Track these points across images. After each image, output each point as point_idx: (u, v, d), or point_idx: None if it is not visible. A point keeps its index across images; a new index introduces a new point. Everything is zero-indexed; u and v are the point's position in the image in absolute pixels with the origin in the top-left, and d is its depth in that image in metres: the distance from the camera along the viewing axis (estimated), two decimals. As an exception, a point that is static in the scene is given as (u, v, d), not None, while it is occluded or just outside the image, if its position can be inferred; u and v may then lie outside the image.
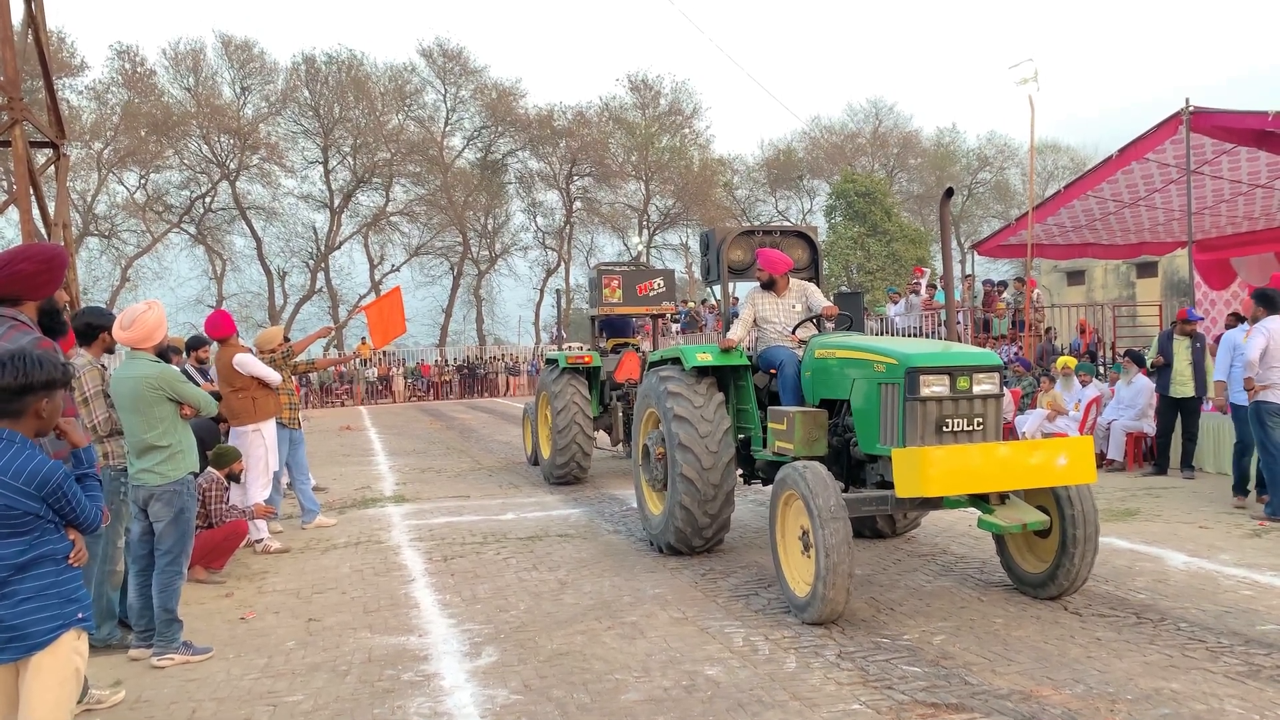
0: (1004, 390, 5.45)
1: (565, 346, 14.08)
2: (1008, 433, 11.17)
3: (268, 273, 44.79)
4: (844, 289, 33.12)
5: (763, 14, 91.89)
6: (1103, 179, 13.41)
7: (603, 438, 12.42)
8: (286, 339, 9.17)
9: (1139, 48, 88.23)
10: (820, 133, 50.72)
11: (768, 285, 6.93)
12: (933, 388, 5.19)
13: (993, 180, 51.99)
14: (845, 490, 5.82)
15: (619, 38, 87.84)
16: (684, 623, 5.32)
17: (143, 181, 42.07)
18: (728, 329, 7.04)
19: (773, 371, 6.69)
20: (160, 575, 5.00)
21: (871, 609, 5.46)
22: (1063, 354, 14.23)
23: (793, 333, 6.78)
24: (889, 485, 5.36)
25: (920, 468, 4.77)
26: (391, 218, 46.05)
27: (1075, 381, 11.62)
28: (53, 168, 12.34)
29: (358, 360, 35.09)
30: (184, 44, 41.92)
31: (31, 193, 11.13)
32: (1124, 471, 10.63)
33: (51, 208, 11.84)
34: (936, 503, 5.38)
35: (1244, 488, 8.31)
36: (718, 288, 7.75)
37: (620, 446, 11.59)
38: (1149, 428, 10.73)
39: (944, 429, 5.22)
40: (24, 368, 2.94)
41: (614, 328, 12.27)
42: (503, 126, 47.14)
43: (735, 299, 8.21)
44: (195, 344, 9.33)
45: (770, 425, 6.35)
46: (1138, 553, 6.69)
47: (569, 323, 40.71)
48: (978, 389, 5.26)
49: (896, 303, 19.48)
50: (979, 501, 5.26)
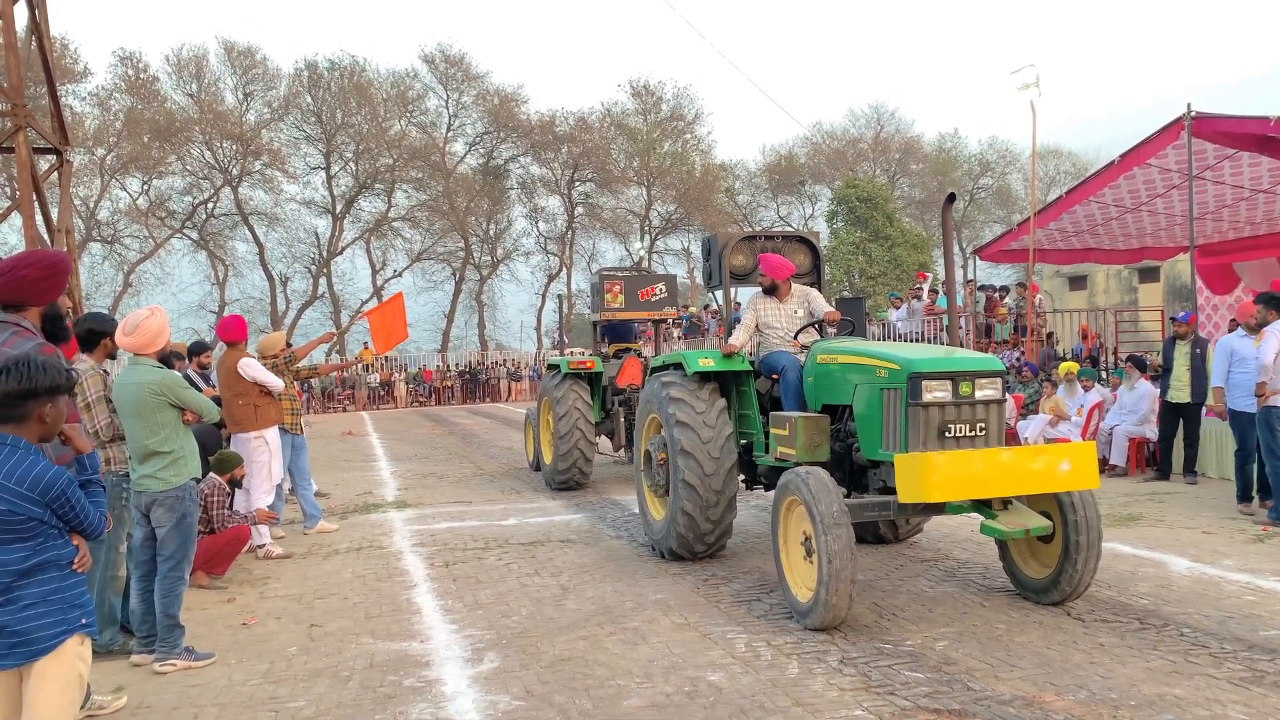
0: (1006, 396, 5.45)
1: (567, 352, 14.08)
2: (1010, 438, 11.16)
3: (270, 278, 44.85)
4: (846, 294, 33.14)
5: (764, 20, 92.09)
6: (1105, 184, 13.41)
7: (605, 443, 12.42)
8: (289, 344, 9.17)
9: (1140, 53, 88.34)
10: (822, 138, 50.79)
11: (770, 290, 6.93)
12: (935, 393, 5.19)
13: (994, 185, 52.00)
14: (848, 496, 5.82)
15: (621, 44, 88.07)
16: (686, 628, 5.31)
17: (145, 187, 42.17)
18: (730, 334, 7.04)
19: (775, 377, 6.69)
20: (163, 581, 5.00)
21: (874, 614, 5.46)
22: (1064, 359, 14.23)
23: (795, 338, 6.78)
24: (891, 491, 5.36)
25: (923, 473, 4.76)
26: (394, 223, 46.12)
27: (1078, 387, 11.61)
28: (56, 174, 12.38)
29: (360, 365, 35.16)
30: (187, 50, 42.10)
31: (35, 199, 11.17)
32: (1126, 477, 10.61)
33: (55, 214, 11.87)
34: (939, 508, 5.38)
35: (1248, 494, 8.30)
36: (719, 293, 7.76)
37: (622, 452, 11.59)
38: (1151, 433, 10.72)
39: (946, 434, 5.22)
40: (27, 373, 2.96)
41: (616, 333, 12.27)
42: (505, 132, 47.22)
43: (737, 304, 8.21)
44: (197, 349, 9.35)
45: (772, 431, 6.35)
46: (1141, 558, 6.68)
47: (570, 328, 40.75)
48: (980, 394, 5.26)
49: (898, 308, 19.48)
50: (982, 507, 5.26)
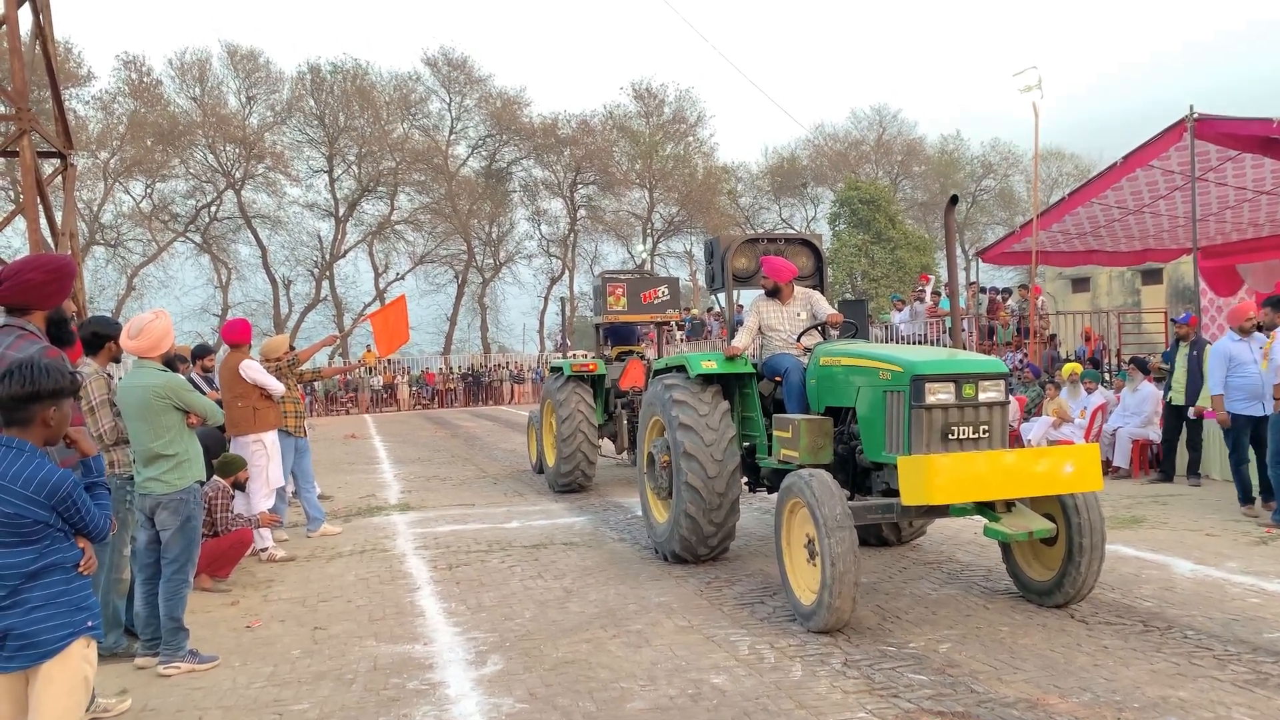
0: (1010, 398, 5.45)
1: (570, 354, 14.08)
2: (1014, 440, 11.16)
3: (273, 281, 44.93)
4: (848, 296, 33.16)
5: (766, 22, 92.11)
6: (1107, 186, 13.40)
7: (608, 445, 12.42)
8: (292, 347, 9.18)
9: (1143, 55, 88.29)
10: (824, 140, 50.80)
11: (772, 293, 6.93)
12: (938, 395, 5.18)
13: (997, 187, 52.03)
14: (851, 498, 5.82)
15: (623, 46, 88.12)
16: (689, 631, 5.32)
17: (148, 191, 42.28)
18: (733, 337, 7.04)
19: (777, 379, 6.69)
20: (167, 583, 5.01)
21: (877, 617, 5.45)
22: (1067, 361, 14.22)
23: (797, 340, 6.78)
24: (895, 493, 5.36)
25: (926, 475, 4.76)
26: (396, 226, 46.20)
27: (1081, 389, 11.60)
28: (60, 178, 12.40)
29: (363, 369, 35.17)
30: (190, 54, 42.23)
31: (39, 202, 11.19)
32: (1130, 479, 10.60)
33: (59, 217, 11.90)
34: (942, 511, 5.37)
35: (1249, 496, 8.30)
36: (722, 295, 7.76)
37: (625, 454, 11.59)
38: (1155, 435, 10.71)
39: (950, 436, 5.21)
40: (31, 376, 2.97)
41: (619, 335, 12.28)
42: (507, 135, 47.31)
43: (740, 307, 8.21)
44: (200, 353, 9.37)
45: (775, 433, 6.35)
46: (1144, 560, 6.67)
47: (573, 330, 40.77)
48: (983, 396, 5.26)
49: (901, 310, 19.48)
50: (985, 509, 5.25)
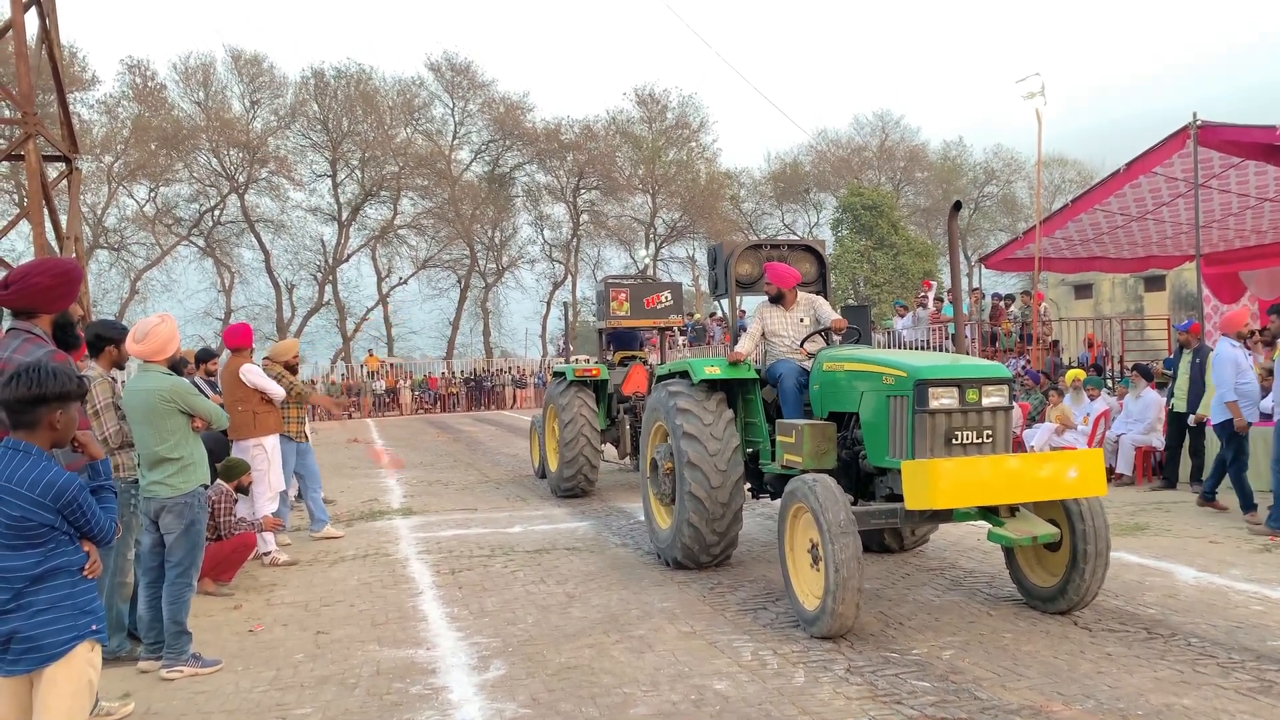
0: (1013, 403, 5.45)
1: (573, 359, 14.03)
2: (1017, 446, 11.14)
3: (276, 285, 44.98)
4: (851, 302, 33.16)
5: (769, 28, 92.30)
6: (1110, 193, 13.41)
7: (610, 450, 12.40)
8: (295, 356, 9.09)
9: (1146, 62, 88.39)
10: (827, 146, 50.85)
11: (776, 299, 6.94)
12: (942, 400, 5.18)
13: (999, 194, 52.02)
14: (854, 503, 5.82)
15: (626, 52, 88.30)
16: (692, 637, 5.31)
17: (152, 194, 42.36)
18: (735, 342, 7.05)
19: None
20: (170, 587, 5.02)
21: (880, 623, 5.45)
22: (1070, 367, 14.21)
23: (801, 346, 6.78)
24: (898, 498, 5.36)
25: (930, 480, 4.76)
26: (399, 230, 46.24)
27: (1084, 395, 11.60)
28: (65, 181, 12.44)
29: (361, 386, 35.15)
30: (194, 58, 42.39)
31: (44, 206, 11.22)
32: (1133, 486, 10.59)
33: (63, 221, 11.93)
34: (946, 515, 5.37)
35: (1252, 503, 8.28)
36: (725, 301, 7.77)
37: (628, 460, 11.57)
38: (1158, 442, 10.69)
39: (953, 441, 5.21)
40: (38, 379, 2.98)
41: (622, 340, 12.28)
42: (510, 140, 47.38)
43: (743, 312, 8.21)
44: (204, 357, 9.38)
45: (779, 439, 6.35)
46: (1148, 567, 6.66)
47: (576, 335, 40.77)
48: (987, 401, 5.26)
49: (904, 316, 19.49)
50: (989, 514, 5.25)
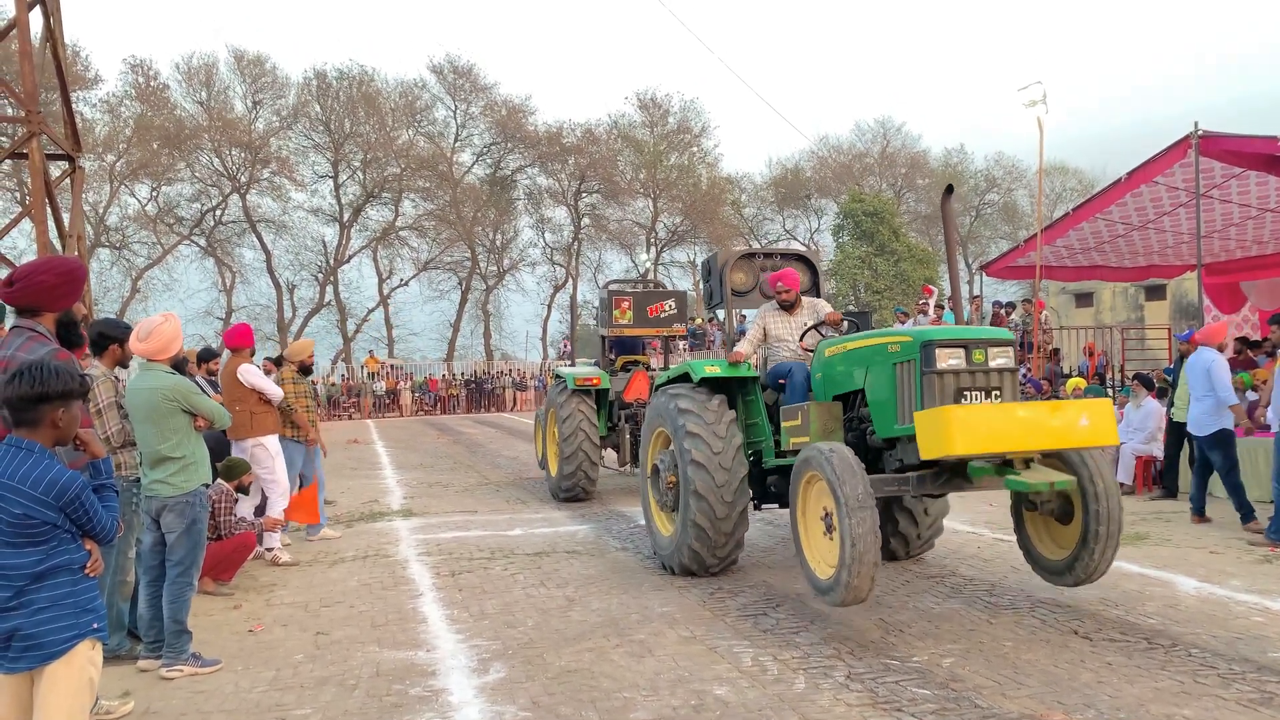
0: (1020, 366, 5.48)
1: (579, 362, 13.94)
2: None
3: (277, 286, 44.99)
4: (852, 308, 33.19)
5: (771, 33, 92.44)
6: (1112, 201, 13.42)
7: (610, 456, 12.36)
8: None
9: (1147, 71, 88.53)
10: (828, 152, 50.95)
11: (788, 306, 6.99)
12: (949, 361, 5.20)
13: (1001, 201, 52.08)
14: None
15: (628, 56, 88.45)
16: (692, 641, 5.31)
17: (154, 194, 42.39)
18: (734, 347, 7.06)
19: (781, 382, 6.67)
20: (171, 586, 5.02)
21: (880, 630, 5.44)
22: (1070, 376, 14.22)
23: (800, 339, 6.82)
24: (909, 468, 5.38)
25: (944, 425, 4.74)
26: (400, 232, 46.28)
27: (1084, 404, 11.58)
28: (68, 180, 12.45)
29: (361, 387, 35.17)
30: (197, 58, 42.43)
31: (47, 205, 11.23)
32: (1133, 495, 10.58)
33: (66, 219, 11.93)
34: (961, 476, 5.34)
35: (1252, 514, 8.28)
36: (720, 310, 7.79)
37: (627, 468, 11.46)
38: (1158, 451, 10.69)
39: (963, 399, 5.20)
40: (40, 377, 2.97)
41: (624, 345, 12.23)
42: (512, 143, 47.44)
43: (742, 317, 8.22)
44: (206, 356, 9.37)
45: (784, 424, 6.30)
46: (1148, 577, 6.65)
47: (577, 337, 40.79)
48: (994, 362, 5.27)
49: (904, 322, 19.48)
50: (1004, 469, 5.21)
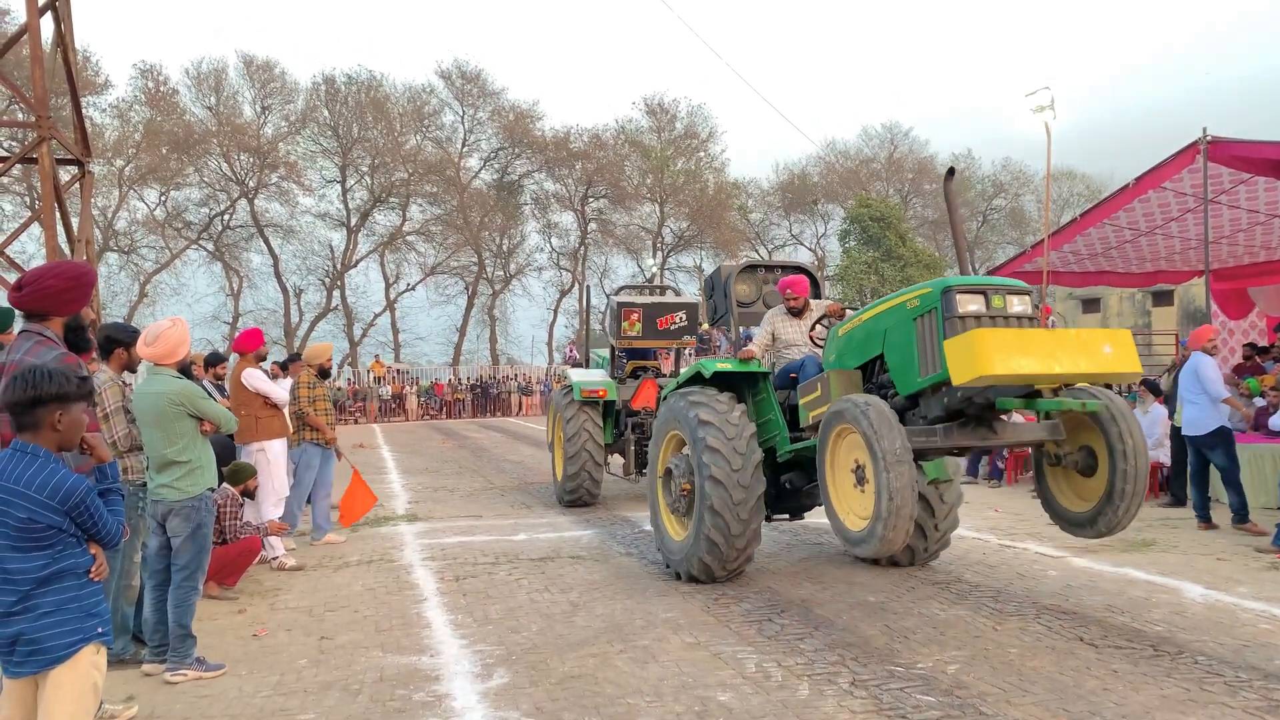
0: (1037, 316, 5.50)
1: (592, 356, 13.67)
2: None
3: (284, 290, 45.09)
4: (855, 307, 33.11)
5: (779, 39, 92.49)
6: (1119, 207, 13.40)
7: (616, 461, 12.29)
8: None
9: (1157, 76, 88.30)
10: (835, 157, 50.93)
11: (798, 311, 7.03)
12: (969, 306, 5.21)
13: (1008, 207, 52.01)
14: None
15: (636, 62, 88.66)
16: (696, 647, 5.30)
17: (163, 198, 42.52)
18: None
19: (793, 376, 6.67)
20: (176, 591, 5.03)
21: (885, 637, 5.43)
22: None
23: (811, 330, 6.88)
24: (935, 421, 5.40)
25: (975, 347, 4.73)
26: (408, 237, 46.34)
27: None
28: (77, 184, 12.51)
29: (372, 387, 35.22)
30: (206, 63, 42.57)
31: (56, 209, 11.28)
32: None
33: (75, 224, 11.99)
34: (987, 421, 5.35)
35: (1246, 515, 8.42)
36: (722, 325, 7.85)
37: (633, 476, 11.38)
38: (1165, 458, 10.64)
39: None
40: (33, 380, 2.97)
41: (634, 351, 12.10)
42: (519, 148, 47.49)
43: (747, 326, 8.25)
44: (213, 360, 9.40)
45: (801, 402, 6.27)
46: (1154, 584, 6.63)
47: (581, 341, 40.78)
48: (1013, 310, 5.30)
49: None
50: (1032, 399, 5.24)
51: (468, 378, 39.19)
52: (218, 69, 42.52)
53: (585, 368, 12.67)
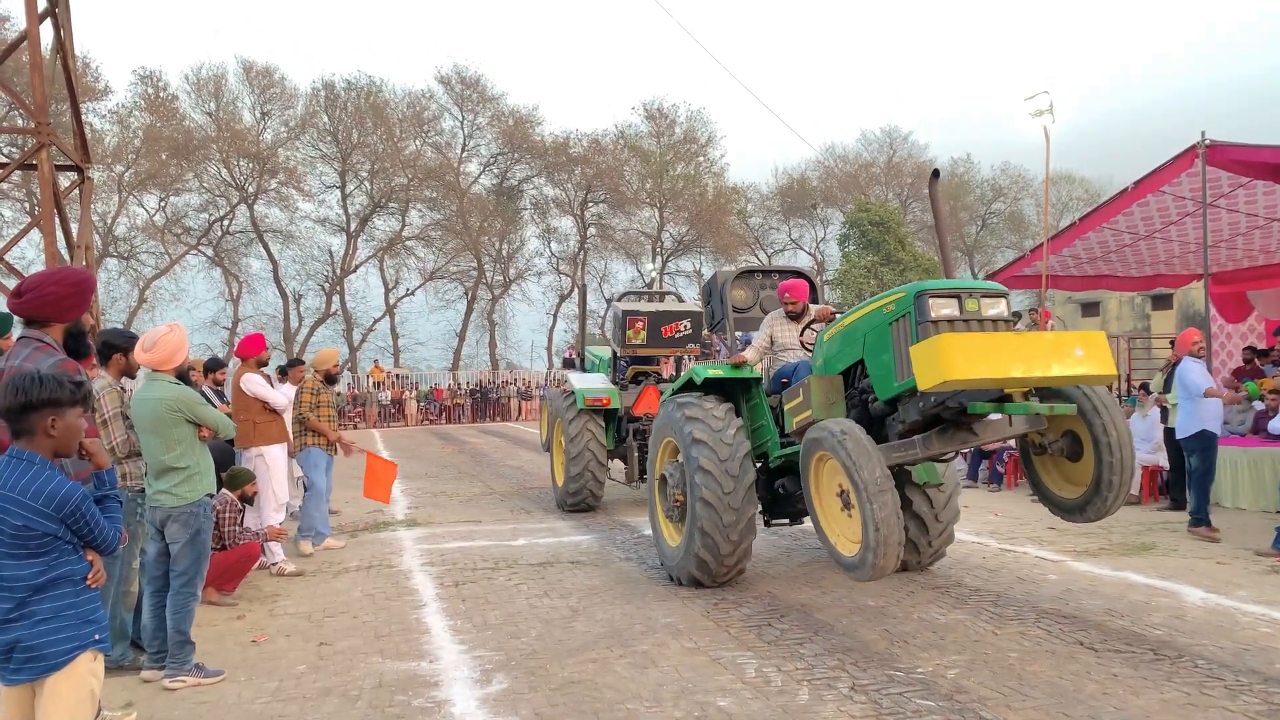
0: (1014, 319, 5.48)
1: (589, 353, 13.57)
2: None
3: (284, 295, 45.10)
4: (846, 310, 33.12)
5: (778, 44, 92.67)
6: (1118, 211, 13.39)
7: (617, 466, 12.26)
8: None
9: (1155, 80, 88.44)
10: (834, 162, 50.99)
11: (796, 315, 7.03)
12: (943, 310, 5.19)
13: (1007, 211, 52.06)
14: None
15: (635, 67, 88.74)
16: (696, 653, 5.29)
17: (162, 204, 42.55)
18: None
19: (785, 381, 6.67)
20: (175, 597, 5.02)
21: (885, 641, 5.42)
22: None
23: (801, 335, 6.89)
24: (912, 432, 5.39)
25: (940, 351, 4.70)
26: (407, 242, 46.38)
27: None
28: (76, 190, 12.52)
29: (371, 392, 35.23)
30: (206, 69, 42.60)
31: (55, 215, 11.29)
32: (1139, 505, 10.53)
33: (74, 230, 11.99)
34: (965, 425, 5.33)
35: (1206, 521, 8.53)
36: (721, 330, 7.84)
37: (635, 484, 11.35)
38: (1165, 461, 10.65)
39: None
40: (24, 386, 2.95)
41: (636, 356, 12.04)
42: (519, 153, 47.55)
43: (740, 333, 8.25)
44: (212, 366, 9.39)
45: (786, 407, 6.26)
46: (1154, 588, 6.62)
47: (579, 348, 40.72)
48: (987, 313, 5.27)
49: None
50: (1004, 403, 5.21)
51: (467, 383, 39.18)
52: (217, 75, 42.60)
53: (582, 369, 12.61)
